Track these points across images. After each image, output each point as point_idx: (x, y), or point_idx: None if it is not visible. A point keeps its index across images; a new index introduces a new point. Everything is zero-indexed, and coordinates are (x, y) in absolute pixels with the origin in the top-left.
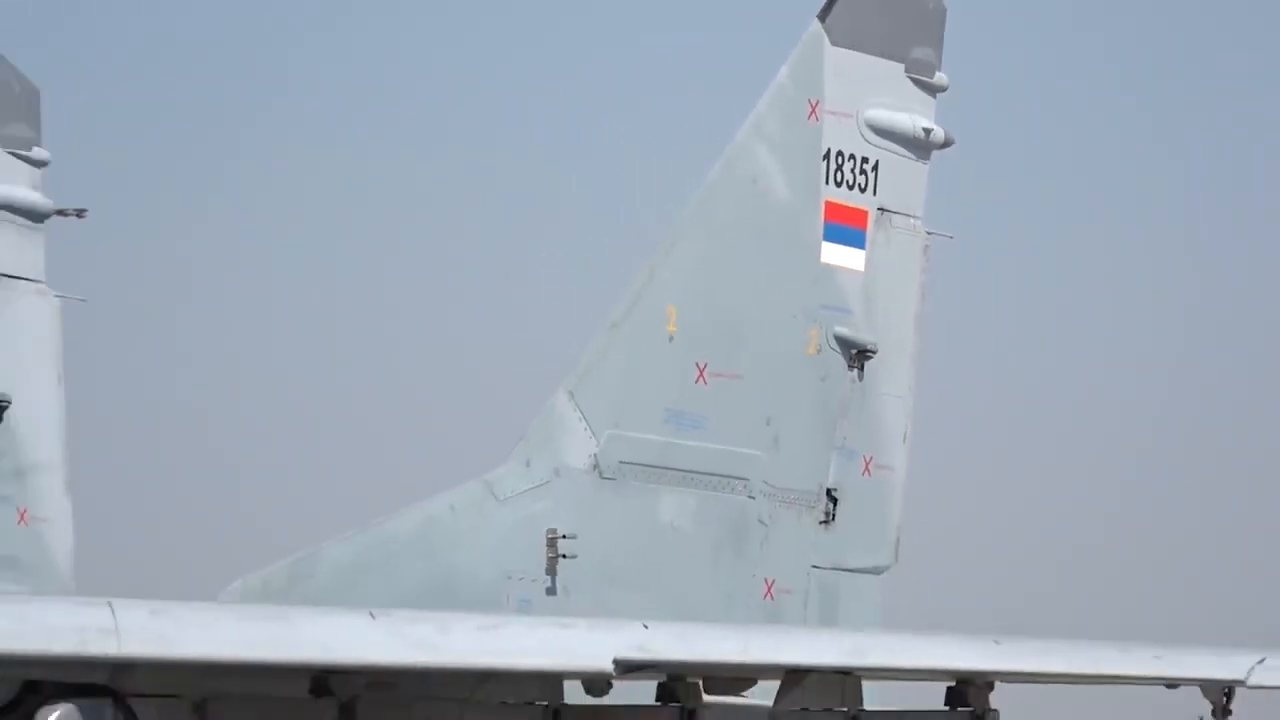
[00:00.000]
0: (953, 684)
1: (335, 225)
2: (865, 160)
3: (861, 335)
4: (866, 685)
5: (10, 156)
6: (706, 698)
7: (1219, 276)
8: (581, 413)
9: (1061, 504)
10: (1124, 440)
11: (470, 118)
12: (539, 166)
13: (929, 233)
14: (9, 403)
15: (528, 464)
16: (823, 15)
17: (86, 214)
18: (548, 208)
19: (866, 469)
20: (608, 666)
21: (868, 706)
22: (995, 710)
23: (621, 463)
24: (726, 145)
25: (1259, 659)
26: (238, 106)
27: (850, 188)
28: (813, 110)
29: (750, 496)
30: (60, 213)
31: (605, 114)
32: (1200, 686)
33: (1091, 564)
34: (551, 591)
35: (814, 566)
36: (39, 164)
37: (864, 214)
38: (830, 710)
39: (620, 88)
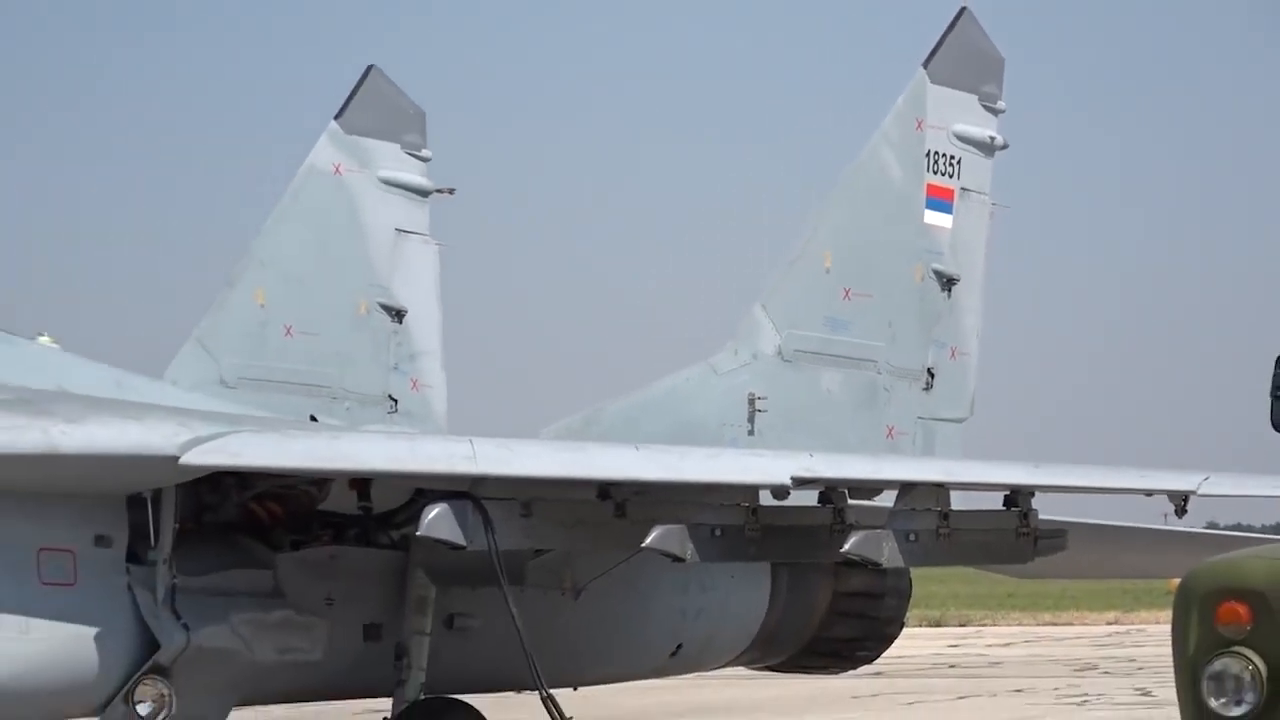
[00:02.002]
0: (1007, 493)
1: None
2: (952, 157)
3: (949, 269)
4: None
5: (406, 154)
6: (850, 501)
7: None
8: (770, 318)
9: (1075, 376)
10: (1112, 324)
11: (718, 116)
12: (764, 164)
13: (993, 204)
14: (406, 311)
15: (736, 352)
16: (926, 64)
17: (455, 192)
18: (761, 191)
19: (952, 355)
20: (786, 481)
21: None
22: (1035, 510)
23: (796, 350)
24: (864, 146)
25: (1205, 477)
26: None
27: (943, 175)
28: (919, 124)
29: (878, 373)
30: (437, 191)
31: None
32: (1167, 495)
33: (1095, 417)
34: (750, 434)
35: (919, 418)
36: (424, 160)
37: (951, 192)
38: (929, 510)
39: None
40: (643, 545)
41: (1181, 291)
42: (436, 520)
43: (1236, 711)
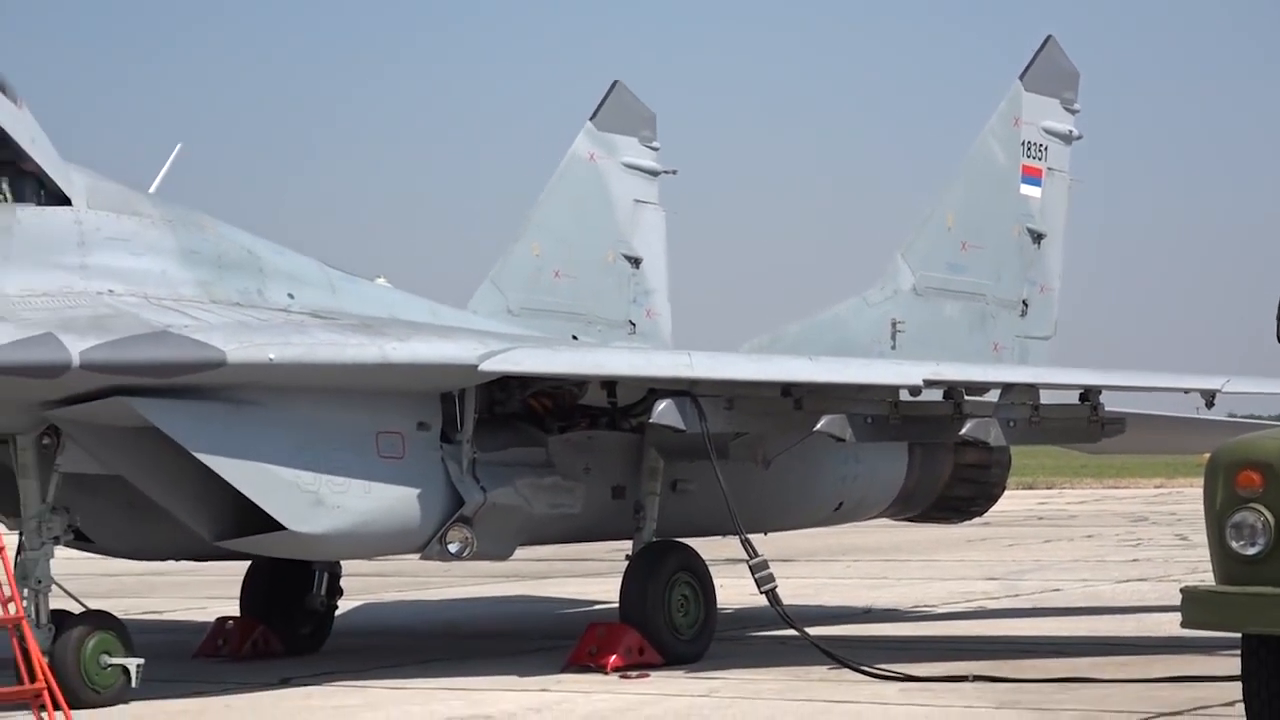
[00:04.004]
0: (1081, 392)
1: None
2: (1041, 146)
3: (1039, 227)
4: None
5: (641, 145)
6: (966, 397)
7: None
8: (908, 263)
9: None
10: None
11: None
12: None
13: (1071, 179)
14: (642, 259)
15: (882, 288)
16: (1021, 77)
17: (677, 172)
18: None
19: (1041, 290)
20: (919, 382)
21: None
22: (1102, 404)
23: (926, 287)
24: (976, 138)
25: (1227, 379)
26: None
27: (1034, 158)
28: (1017, 122)
29: (986, 304)
30: (664, 171)
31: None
32: (1199, 393)
33: (1148, 334)
34: (893, 349)
35: (1016, 336)
36: (654, 150)
37: (1041, 171)
38: (1024, 404)
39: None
40: (814, 429)
41: (1211, 236)
42: (664, 411)
43: (1251, 551)
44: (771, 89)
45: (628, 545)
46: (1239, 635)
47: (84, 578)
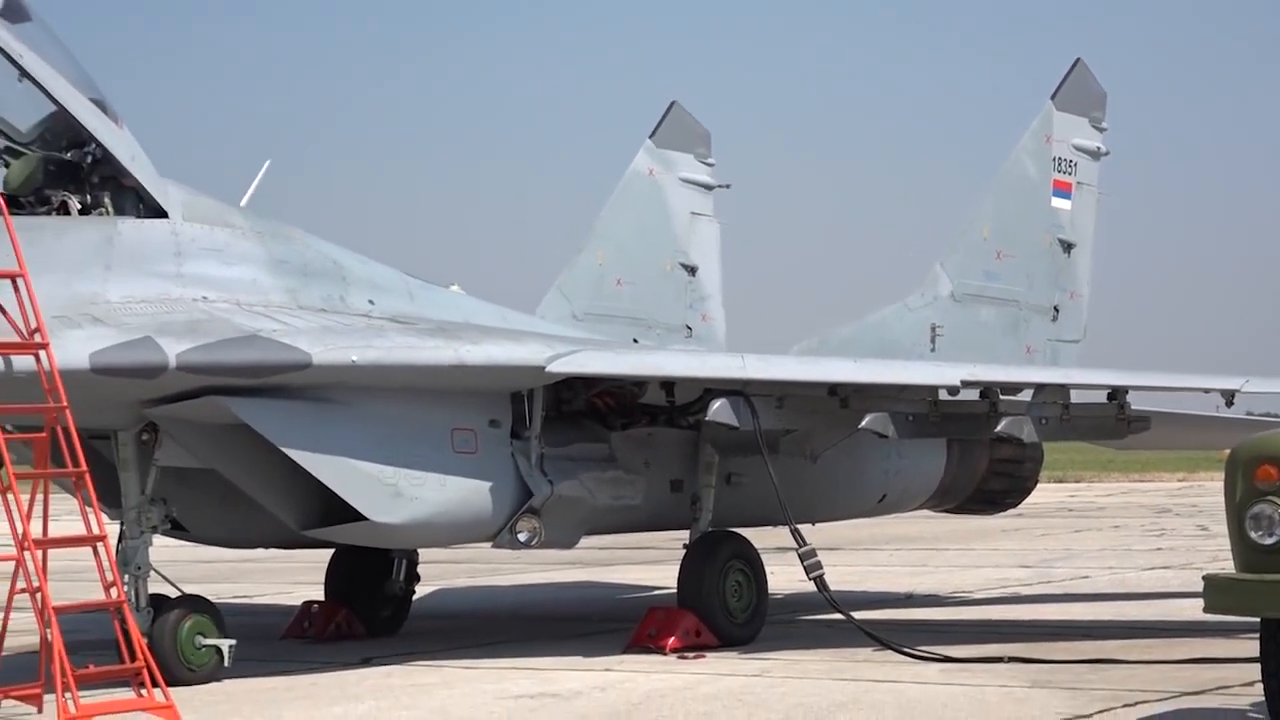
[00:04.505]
0: (1109, 391)
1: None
2: (1072, 162)
3: (1069, 238)
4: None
5: (697, 161)
6: (1000, 396)
7: None
8: (946, 272)
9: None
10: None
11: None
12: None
13: (1099, 193)
14: (698, 268)
15: (922, 295)
16: (1053, 97)
17: (730, 186)
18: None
19: (1071, 296)
20: (957, 382)
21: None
22: (1129, 403)
23: (963, 294)
24: (1009, 154)
25: (1246, 379)
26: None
27: (1064, 173)
28: (1048, 139)
29: (1019, 309)
30: (718, 186)
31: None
32: (1220, 392)
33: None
34: (932, 351)
35: (1048, 340)
36: (710, 165)
37: (1071, 185)
38: (1055, 403)
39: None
40: (859, 426)
41: (1230, 245)
42: (719, 410)
43: (1269, 541)
44: (818, 110)
45: (685, 535)
46: (1258, 619)
47: (180, 564)
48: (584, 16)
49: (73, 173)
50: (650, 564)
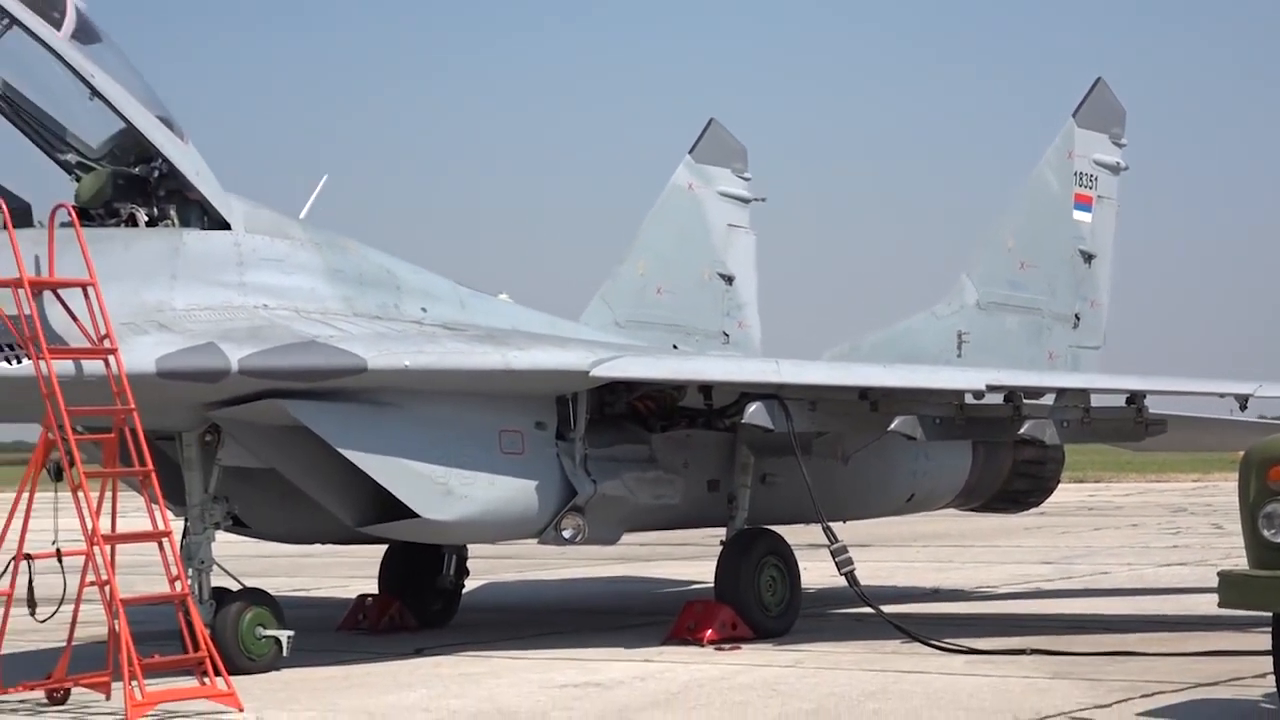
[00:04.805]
0: (1127, 396)
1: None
2: (1092, 176)
3: (1090, 249)
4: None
5: (734, 176)
6: (1024, 400)
7: None
8: (972, 281)
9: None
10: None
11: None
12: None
13: (1118, 206)
14: (734, 277)
15: (949, 302)
16: (1074, 114)
17: (766, 200)
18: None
19: (1091, 305)
20: (982, 387)
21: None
22: (1146, 406)
23: (988, 302)
24: (1033, 169)
25: (1259, 385)
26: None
27: (1085, 187)
28: (1070, 155)
29: (1042, 317)
30: (754, 199)
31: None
32: (1234, 397)
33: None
34: (959, 357)
35: (1069, 346)
36: (746, 180)
37: (1091, 198)
38: (1076, 406)
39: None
40: (888, 429)
41: (1244, 255)
42: (755, 413)
43: None
44: (849, 127)
45: (722, 532)
46: (1270, 614)
47: (241, 559)
48: (628, 39)
49: (140, 186)
50: (688, 560)
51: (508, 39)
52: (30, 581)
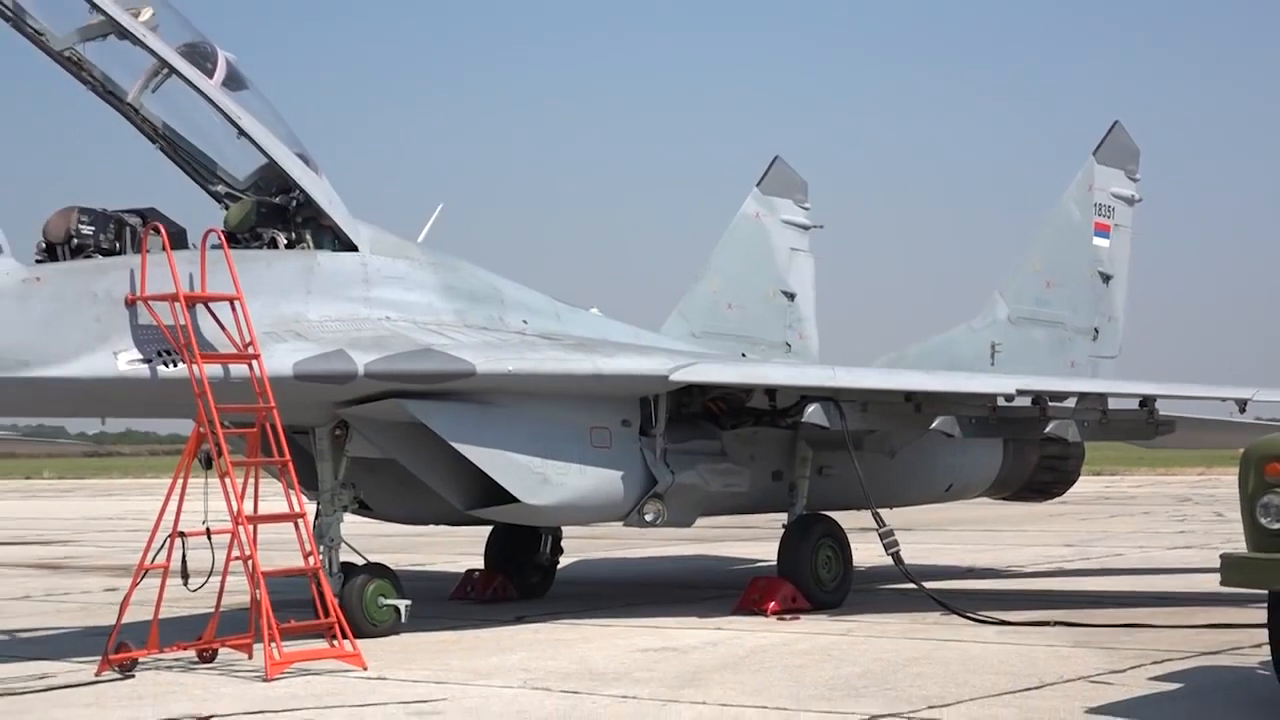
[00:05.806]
0: (1141, 399)
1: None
2: (1111, 207)
3: (1107, 270)
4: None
5: (796, 206)
6: (1049, 403)
7: None
8: (1004, 298)
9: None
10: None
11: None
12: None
13: (1133, 233)
14: (796, 294)
15: (983, 317)
16: (1094, 152)
17: (824, 227)
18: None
19: (1109, 320)
20: (1013, 391)
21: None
22: (1157, 409)
23: (1018, 317)
24: (1058, 201)
25: (1256, 390)
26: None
27: (1104, 216)
28: (1090, 188)
29: (1065, 330)
30: (814, 226)
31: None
32: (1234, 400)
33: (1195, 351)
34: (992, 365)
35: (1089, 356)
36: (806, 209)
37: (1109, 226)
38: (1095, 409)
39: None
40: (930, 427)
41: (1246, 273)
42: (814, 413)
43: (1277, 526)
44: (898, 162)
45: (783, 517)
46: (1266, 592)
47: (365, 538)
48: (700, 85)
49: (280, 214)
50: (754, 540)
51: (602, 94)
52: (184, 556)
